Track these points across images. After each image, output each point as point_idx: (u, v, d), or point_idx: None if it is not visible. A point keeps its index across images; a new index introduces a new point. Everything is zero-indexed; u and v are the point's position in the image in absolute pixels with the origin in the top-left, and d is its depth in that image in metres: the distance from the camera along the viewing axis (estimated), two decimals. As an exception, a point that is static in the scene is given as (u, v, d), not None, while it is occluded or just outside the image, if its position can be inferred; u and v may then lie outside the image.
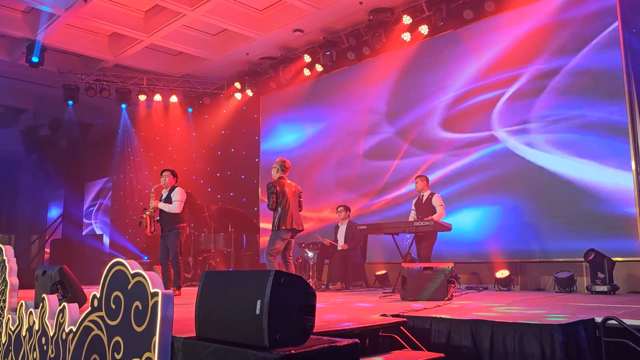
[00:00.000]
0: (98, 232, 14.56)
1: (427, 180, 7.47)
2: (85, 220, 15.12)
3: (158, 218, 7.16)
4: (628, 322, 3.46)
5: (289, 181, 6.67)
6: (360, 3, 8.96)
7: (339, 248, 8.47)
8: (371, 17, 9.30)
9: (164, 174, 7.28)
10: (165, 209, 7.05)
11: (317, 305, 2.69)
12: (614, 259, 6.47)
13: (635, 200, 6.76)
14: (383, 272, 8.91)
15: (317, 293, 2.71)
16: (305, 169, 10.87)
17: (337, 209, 8.85)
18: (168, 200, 7.11)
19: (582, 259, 6.75)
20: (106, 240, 13.98)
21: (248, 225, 11.49)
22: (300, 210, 6.61)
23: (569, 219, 7.28)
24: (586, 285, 6.66)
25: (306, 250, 8.42)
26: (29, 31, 9.88)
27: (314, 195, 10.52)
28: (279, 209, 6.45)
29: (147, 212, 7.07)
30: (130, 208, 13.52)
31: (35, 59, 10.10)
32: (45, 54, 10.29)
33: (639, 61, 6.92)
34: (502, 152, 8.10)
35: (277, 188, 6.50)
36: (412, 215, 7.45)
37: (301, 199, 6.67)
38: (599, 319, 3.58)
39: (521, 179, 7.84)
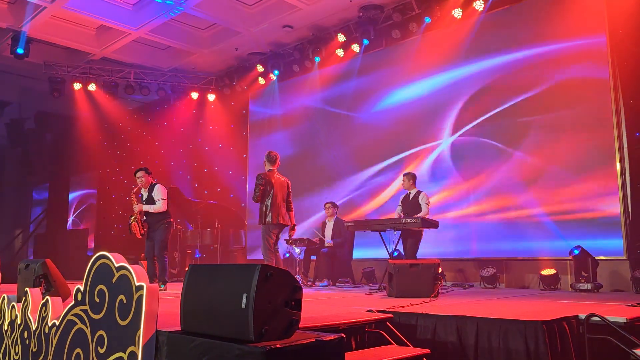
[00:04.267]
0: (83, 226, 14.42)
1: (415, 177, 7.49)
2: (70, 215, 14.96)
3: (145, 218, 7.08)
4: (611, 319, 3.50)
5: (277, 175, 6.75)
6: (350, 0, 8.95)
7: (326, 244, 8.47)
8: (361, 14, 9.29)
9: (138, 174, 7.15)
10: (151, 210, 7.00)
11: (304, 300, 2.68)
12: (598, 257, 6.55)
13: (619, 200, 6.84)
14: (370, 268, 8.93)
15: (303, 289, 2.70)
16: (293, 165, 10.84)
17: (324, 206, 8.84)
18: (150, 200, 7.04)
19: (567, 257, 6.85)
20: (91, 234, 13.84)
21: (235, 221, 11.44)
22: (289, 204, 6.72)
23: (554, 218, 7.34)
24: (570, 283, 6.73)
25: (293, 246, 8.42)
26: (14, 22, 9.73)
27: (301, 192, 10.50)
28: (266, 202, 6.54)
29: (133, 218, 6.98)
30: (116, 203, 13.39)
31: (20, 51, 9.95)
32: (31, 46, 10.15)
33: (624, 61, 6.98)
34: (489, 150, 8.14)
35: (264, 180, 6.59)
36: (398, 211, 7.47)
37: (290, 191, 6.79)
38: (582, 316, 3.61)
39: (507, 176, 7.89)
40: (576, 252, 6.55)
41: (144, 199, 7.11)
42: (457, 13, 8.45)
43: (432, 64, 8.98)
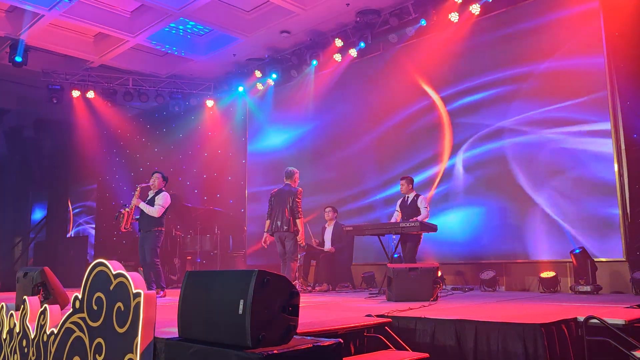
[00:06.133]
0: (83, 234, 14.41)
1: (412, 181, 7.50)
2: (69, 222, 14.95)
3: (137, 217, 7.10)
4: (610, 321, 3.50)
5: (282, 188, 7.28)
6: (347, 5, 8.98)
7: (326, 242, 8.50)
8: (358, 19, 9.31)
9: (154, 175, 7.22)
10: (145, 210, 7.00)
11: (303, 306, 2.68)
12: (597, 259, 6.56)
13: (617, 201, 6.85)
14: (369, 273, 8.92)
15: (303, 294, 2.70)
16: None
17: (324, 210, 8.85)
18: (151, 202, 7.06)
19: (566, 260, 6.85)
20: (91, 242, 13.83)
21: (234, 227, 11.44)
22: (293, 212, 7.07)
23: (554, 220, 7.35)
24: (570, 285, 6.72)
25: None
26: (12, 30, 9.75)
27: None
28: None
29: (126, 208, 7.02)
30: (116, 210, 13.38)
31: (18, 59, 9.96)
32: (29, 54, 10.16)
33: (621, 63, 7.00)
34: (487, 154, 8.15)
35: (270, 196, 7.35)
36: (396, 216, 7.48)
37: (295, 200, 7.10)
38: (581, 318, 3.61)
39: (506, 180, 7.90)
40: (577, 251, 6.56)
41: (147, 199, 7.14)
42: (454, 17, 8.47)
43: (430, 67, 9.01)
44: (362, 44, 9.41)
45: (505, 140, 7.98)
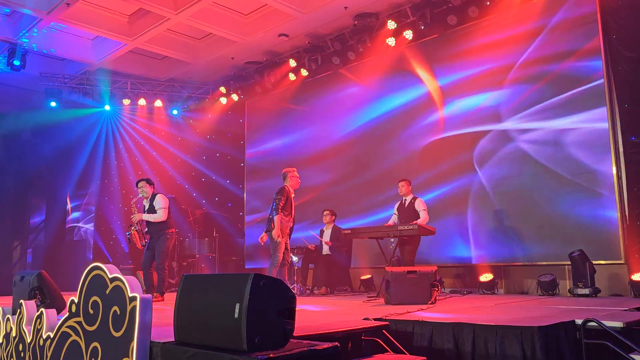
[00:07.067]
0: (81, 238, 14.38)
1: (411, 183, 7.49)
2: (68, 226, 14.92)
3: (146, 229, 7.10)
4: (608, 323, 3.48)
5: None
6: (345, 8, 8.99)
7: (324, 246, 8.49)
8: (356, 22, 9.32)
9: (139, 184, 7.22)
10: (151, 219, 7.00)
11: (300, 309, 2.67)
12: (596, 262, 6.55)
13: (616, 204, 6.84)
14: (368, 276, 8.91)
15: (302, 298, 2.70)
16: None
17: (323, 213, 8.85)
18: (151, 209, 7.06)
19: (565, 262, 6.85)
20: (89, 246, 13.80)
21: (233, 230, 11.42)
22: (271, 211, 6.72)
23: (552, 223, 7.34)
24: (568, 288, 6.71)
25: (291, 254, 8.39)
26: (10, 34, 9.76)
27: (297, 200, 10.48)
28: None
29: (133, 228, 7.01)
30: (115, 213, 13.36)
31: (16, 62, 9.96)
32: (27, 57, 10.17)
33: (619, 66, 7.01)
34: (486, 156, 8.15)
35: None
36: (394, 219, 7.47)
37: (277, 196, 6.73)
38: (579, 321, 3.60)
39: (504, 182, 7.90)
40: (576, 253, 6.55)
41: (145, 209, 7.14)
42: (452, 20, 8.47)
43: (432, 67, 9.02)
44: (361, 47, 9.42)
45: (503, 143, 7.98)
